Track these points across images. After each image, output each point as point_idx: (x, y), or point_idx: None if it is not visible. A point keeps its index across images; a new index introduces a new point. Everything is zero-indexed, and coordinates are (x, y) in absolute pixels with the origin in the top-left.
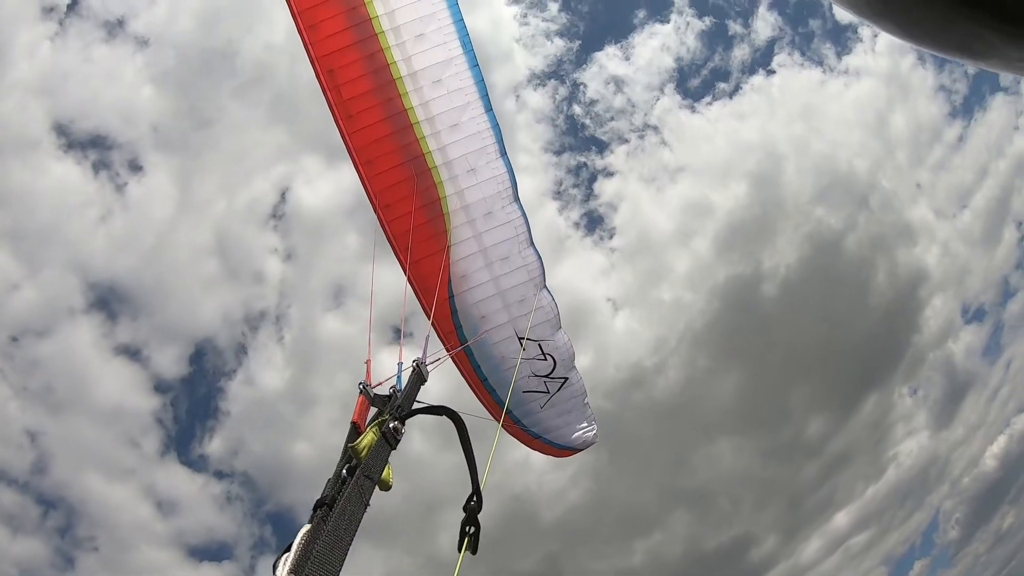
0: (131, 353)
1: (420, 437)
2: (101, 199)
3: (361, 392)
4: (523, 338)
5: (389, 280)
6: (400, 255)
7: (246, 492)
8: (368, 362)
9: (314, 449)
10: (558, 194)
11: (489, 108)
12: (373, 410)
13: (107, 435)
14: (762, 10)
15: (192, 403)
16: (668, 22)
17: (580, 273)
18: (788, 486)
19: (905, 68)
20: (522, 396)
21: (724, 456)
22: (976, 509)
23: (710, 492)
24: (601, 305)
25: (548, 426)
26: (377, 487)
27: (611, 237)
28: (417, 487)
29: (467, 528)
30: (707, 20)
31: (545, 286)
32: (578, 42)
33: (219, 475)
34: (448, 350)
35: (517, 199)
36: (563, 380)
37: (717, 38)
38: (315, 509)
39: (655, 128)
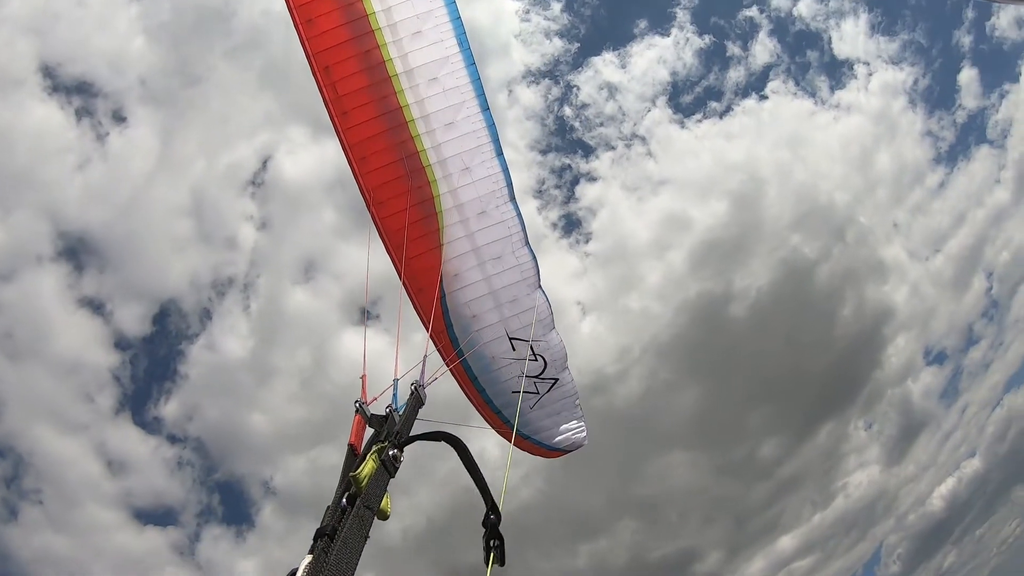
0: (95, 307)
1: None
2: (81, 147)
3: (357, 411)
4: (514, 338)
5: (356, 259)
6: (393, 253)
7: (197, 459)
8: (364, 378)
9: (269, 422)
10: (539, 193)
11: (486, 107)
12: (369, 431)
13: (63, 387)
14: (762, 35)
15: (151, 363)
16: (668, 35)
17: (552, 274)
18: (737, 504)
19: (895, 109)
20: (512, 397)
21: (677, 469)
22: (919, 546)
23: (659, 503)
24: (570, 308)
25: (537, 427)
26: (376, 517)
27: (587, 241)
28: None
29: (491, 543)
30: (707, 38)
31: (539, 287)
32: (576, 44)
33: (172, 439)
34: (444, 359)
35: (512, 199)
36: (553, 381)
37: (715, 57)
38: (316, 539)
39: (643, 138)
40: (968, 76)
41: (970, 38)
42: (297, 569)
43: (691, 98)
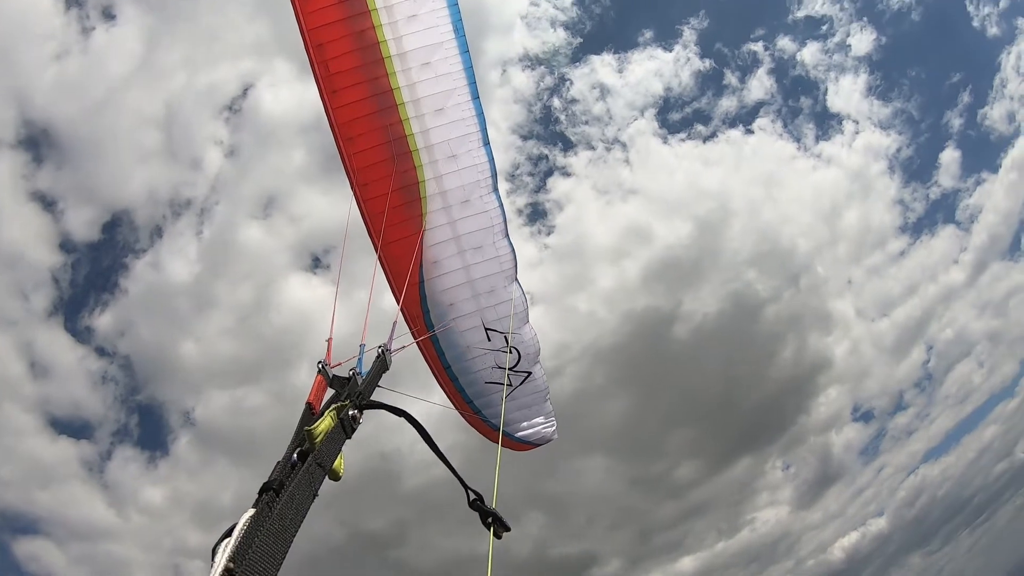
0: (46, 202)
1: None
2: (64, 36)
3: (319, 372)
4: (489, 329)
5: (317, 205)
6: (374, 235)
7: (123, 376)
8: (329, 341)
9: (200, 353)
10: (512, 177)
11: (476, 96)
12: (330, 392)
13: None
14: (762, 71)
15: (93, 271)
16: (671, 51)
17: None
18: (645, 518)
19: (874, 172)
20: (484, 387)
21: (593, 472)
22: None
23: (570, 502)
24: None
25: (507, 419)
26: (328, 476)
27: (548, 234)
28: (295, 417)
29: (487, 520)
30: (708, 62)
31: (516, 279)
32: (579, 40)
33: (100, 352)
34: (414, 336)
35: (496, 190)
36: (526, 374)
37: (711, 82)
38: (261, 493)
39: (624, 145)
40: (950, 156)
41: (960, 121)
42: (236, 524)
43: (679, 116)
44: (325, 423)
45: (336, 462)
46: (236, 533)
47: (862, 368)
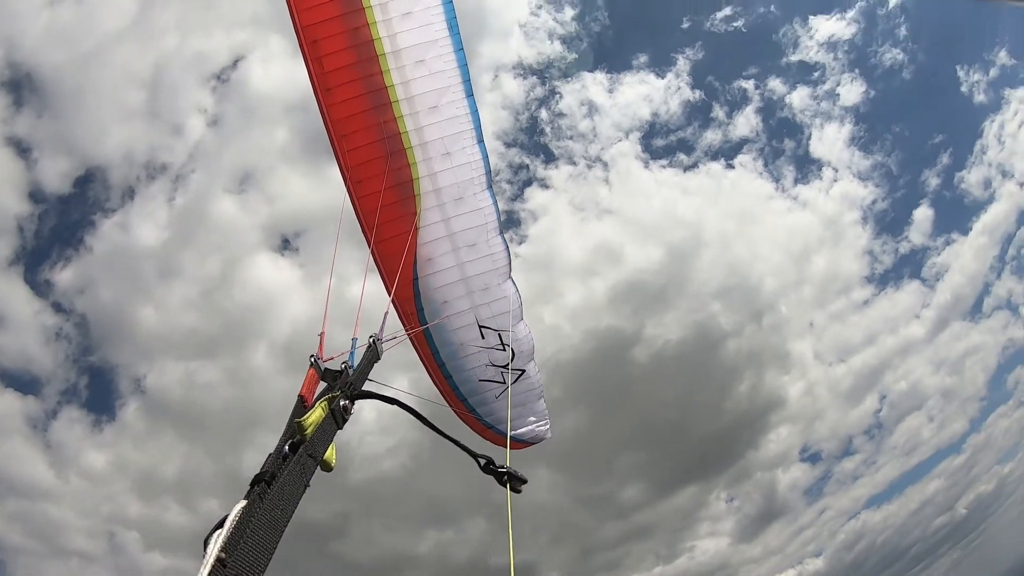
0: (21, 149)
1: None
2: None
3: (312, 365)
4: (484, 326)
5: (293, 186)
6: (367, 232)
7: (77, 335)
8: (322, 335)
9: (159, 321)
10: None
11: (470, 93)
12: (322, 385)
13: None
14: (749, 109)
15: (60, 224)
16: (663, 78)
17: None
18: (587, 535)
19: (847, 220)
20: (478, 384)
21: (539, 485)
22: None
23: (514, 513)
24: None
25: (501, 416)
26: (319, 467)
27: (521, 243)
28: (247, 398)
29: (503, 477)
30: (698, 93)
31: (510, 277)
32: (574, 55)
33: (57, 307)
34: (406, 329)
35: (490, 187)
36: (520, 372)
37: (699, 113)
38: (252, 484)
39: (605, 164)
40: (923, 214)
41: (937, 181)
42: (228, 515)
43: (663, 143)
44: (316, 414)
45: (328, 452)
46: (228, 524)
47: (815, 410)
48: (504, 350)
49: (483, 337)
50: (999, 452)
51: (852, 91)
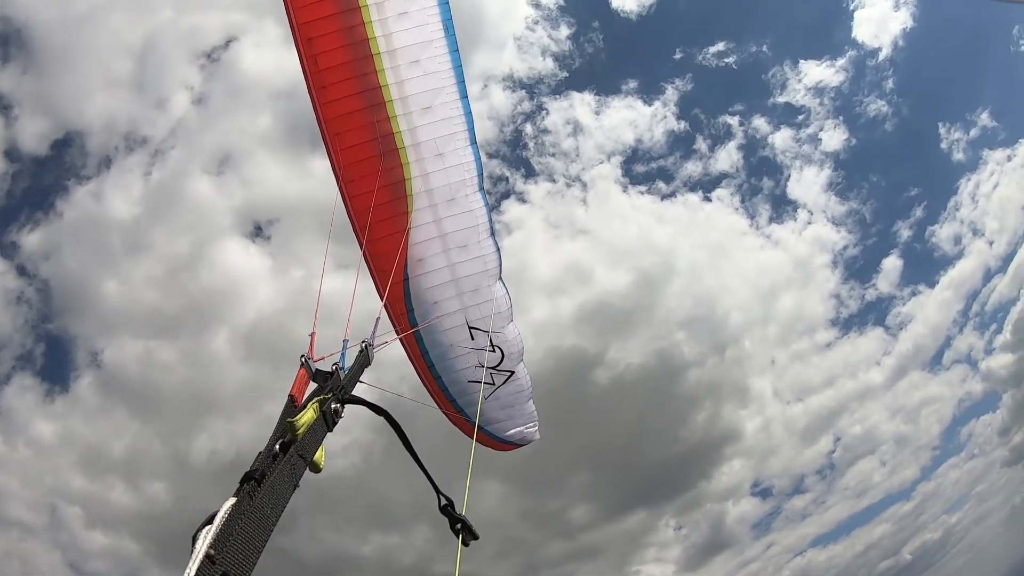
0: (2, 105)
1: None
2: None
3: (303, 365)
4: (473, 327)
5: (271, 173)
6: (359, 232)
7: (38, 300)
8: (312, 335)
9: (122, 295)
10: None
11: (464, 95)
12: (312, 386)
13: None
14: (732, 145)
15: (32, 186)
16: (650, 105)
17: None
18: (532, 552)
19: (817, 263)
20: (467, 385)
21: (488, 497)
22: None
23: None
24: None
25: (490, 418)
26: (308, 468)
27: None
28: (203, 383)
29: (456, 526)
30: (683, 124)
31: (500, 278)
32: (566, 74)
33: (21, 270)
34: (397, 332)
35: (482, 189)
36: (509, 374)
37: (681, 144)
38: (242, 483)
39: (584, 184)
40: (892, 264)
41: (909, 233)
42: (218, 511)
43: (644, 169)
44: (308, 415)
45: (317, 454)
46: (217, 520)
47: (769, 446)
48: (494, 351)
49: (472, 338)
50: (948, 502)
51: (834, 137)
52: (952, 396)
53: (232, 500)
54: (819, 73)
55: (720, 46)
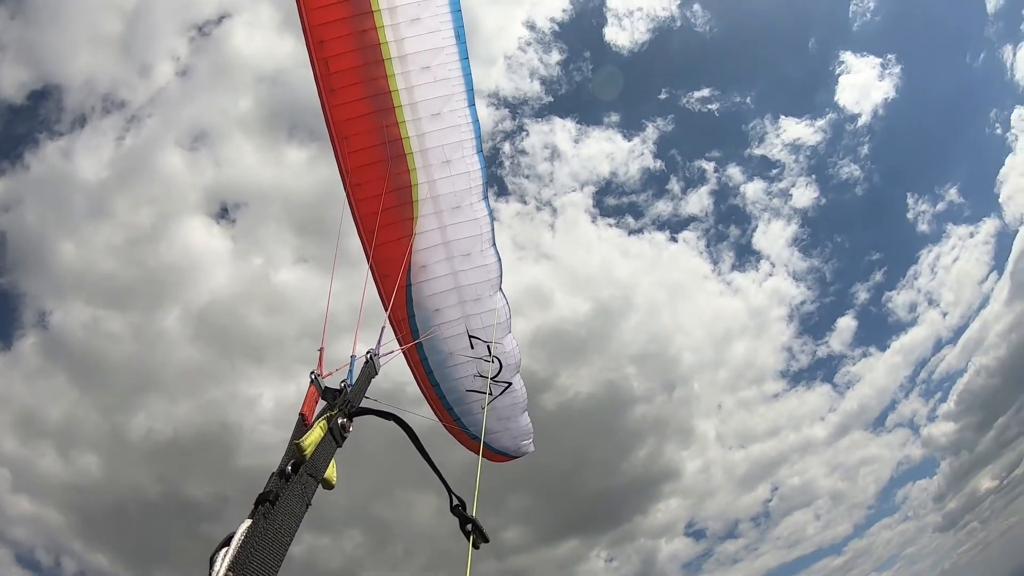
0: None
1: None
2: None
3: (312, 383)
4: (473, 336)
5: (245, 155)
6: (364, 236)
7: None
8: (321, 351)
9: (78, 259)
10: None
11: (472, 103)
12: (322, 404)
13: None
14: (704, 190)
15: (3, 135)
16: (629, 140)
17: None
18: (461, 568)
19: (773, 315)
20: (464, 394)
21: (423, 508)
22: None
23: (394, 531)
24: None
25: (485, 428)
26: (320, 485)
27: None
28: (149, 359)
29: (466, 527)
30: (659, 163)
31: (501, 289)
32: (551, 98)
33: None
34: (400, 343)
35: (486, 198)
36: (506, 385)
37: (655, 183)
38: (256, 504)
39: (554, 210)
40: (846, 324)
41: (866, 296)
42: (234, 533)
43: (615, 202)
44: (315, 434)
45: (328, 471)
46: (234, 542)
47: (708, 489)
48: (492, 361)
49: (472, 347)
50: (878, 560)
51: (805, 194)
52: (891, 458)
53: (248, 522)
54: (798, 131)
55: (705, 92)
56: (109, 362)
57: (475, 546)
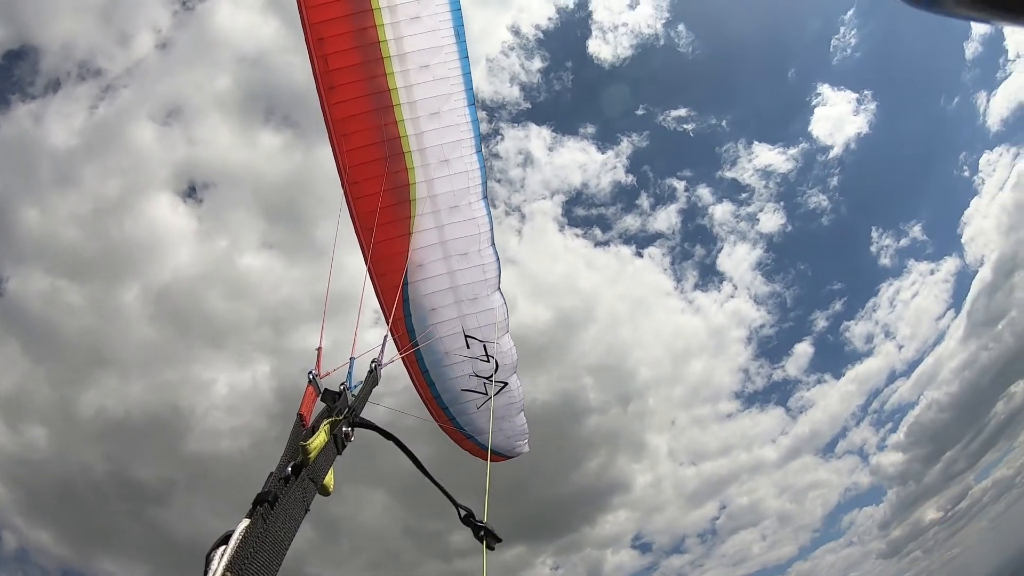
0: None
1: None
2: None
3: (310, 383)
4: (469, 336)
5: (220, 134)
6: (362, 235)
7: None
8: (319, 350)
9: (40, 225)
10: None
11: (472, 102)
12: (320, 405)
13: None
14: (673, 208)
15: None
16: (603, 153)
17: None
18: (407, 568)
19: (732, 336)
20: (460, 394)
21: (372, 506)
22: None
23: (341, 527)
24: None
25: (480, 427)
26: (318, 492)
27: None
28: (104, 334)
29: (479, 533)
30: (630, 178)
31: (499, 288)
32: (528, 105)
33: None
34: (397, 344)
35: (485, 197)
36: (503, 385)
37: (625, 196)
38: (255, 504)
39: (523, 216)
40: (803, 350)
41: (825, 324)
42: (232, 532)
43: (583, 213)
44: (320, 439)
45: (327, 477)
46: (232, 541)
47: (657, 503)
48: (488, 361)
49: (468, 347)
50: None
51: (772, 220)
52: (839, 484)
53: (246, 522)
54: (770, 157)
55: (682, 111)
56: (64, 334)
57: (490, 547)
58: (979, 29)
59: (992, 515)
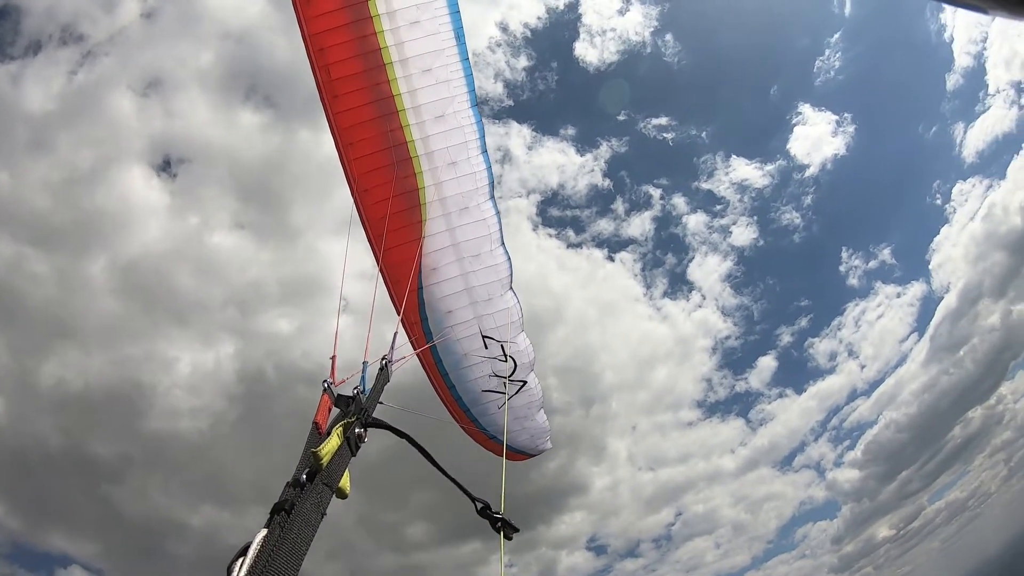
0: None
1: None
2: None
3: (325, 391)
4: (486, 336)
5: (199, 110)
6: (374, 241)
7: None
8: (334, 359)
9: (10, 191)
10: None
11: (475, 103)
12: (335, 411)
13: None
14: (648, 214)
15: None
16: (582, 155)
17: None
18: (361, 559)
19: (698, 345)
20: (480, 395)
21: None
22: None
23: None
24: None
25: (502, 427)
26: (335, 495)
27: None
28: (68, 305)
29: (496, 524)
30: (607, 182)
31: (511, 288)
32: (511, 103)
33: None
34: (414, 346)
35: (492, 198)
36: (522, 384)
37: (601, 200)
38: (272, 514)
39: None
40: (767, 364)
41: (790, 339)
42: (251, 542)
43: (559, 214)
44: (332, 443)
45: (343, 480)
46: (251, 552)
47: (613, 506)
48: (506, 361)
49: (486, 347)
50: None
51: (744, 234)
52: (795, 497)
53: (264, 532)
54: (747, 172)
55: (663, 120)
56: (28, 302)
57: (508, 538)
58: (962, 61)
59: (944, 536)
